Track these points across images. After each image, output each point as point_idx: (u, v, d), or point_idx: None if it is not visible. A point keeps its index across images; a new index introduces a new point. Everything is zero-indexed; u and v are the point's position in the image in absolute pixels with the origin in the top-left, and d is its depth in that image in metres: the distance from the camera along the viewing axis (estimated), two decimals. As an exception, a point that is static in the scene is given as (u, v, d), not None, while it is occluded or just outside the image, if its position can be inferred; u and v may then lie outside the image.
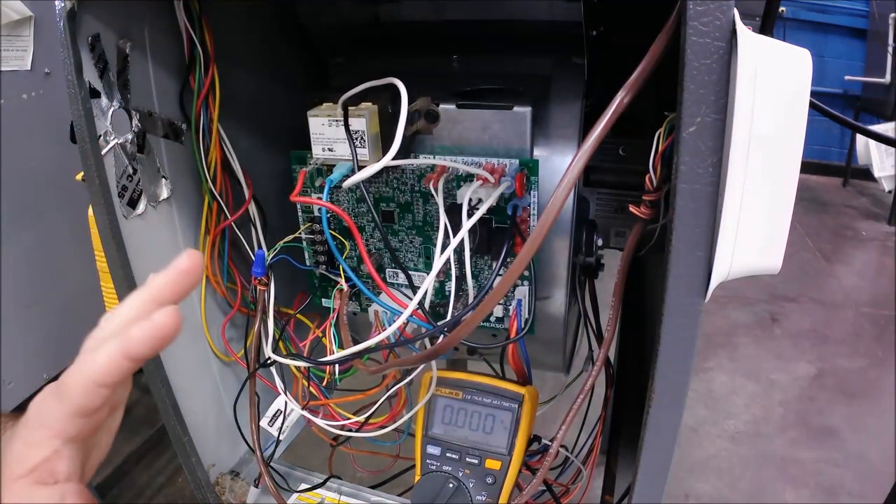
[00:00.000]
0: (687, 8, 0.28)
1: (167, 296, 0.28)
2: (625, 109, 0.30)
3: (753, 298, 2.14)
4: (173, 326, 0.26)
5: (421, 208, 0.53)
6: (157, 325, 0.26)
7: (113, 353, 0.26)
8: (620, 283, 0.46)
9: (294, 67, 0.65)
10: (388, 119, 0.46)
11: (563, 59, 0.53)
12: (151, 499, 1.33)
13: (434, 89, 0.51)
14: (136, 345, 0.26)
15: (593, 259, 0.56)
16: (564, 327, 0.56)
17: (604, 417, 0.55)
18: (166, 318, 0.26)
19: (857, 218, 2.95)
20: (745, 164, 0.29)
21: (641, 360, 0.59)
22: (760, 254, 0.31)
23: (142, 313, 0.27)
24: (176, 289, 0.29)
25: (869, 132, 0.92)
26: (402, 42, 0.58)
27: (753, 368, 1.79)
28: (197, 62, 0.52)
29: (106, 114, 0.47)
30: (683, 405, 0.36)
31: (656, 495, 0.40)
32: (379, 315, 0.53)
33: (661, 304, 0.33)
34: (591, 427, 0.55)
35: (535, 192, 0.49)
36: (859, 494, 1.35)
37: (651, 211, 0.40)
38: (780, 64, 0.28)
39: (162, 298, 0.28)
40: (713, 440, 1.52)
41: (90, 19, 0.44)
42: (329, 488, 0.64)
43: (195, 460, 0.59)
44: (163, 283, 0.29)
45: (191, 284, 0.29)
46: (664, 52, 0.30)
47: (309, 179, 0.53)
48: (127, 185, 0.50)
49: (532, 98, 0.49)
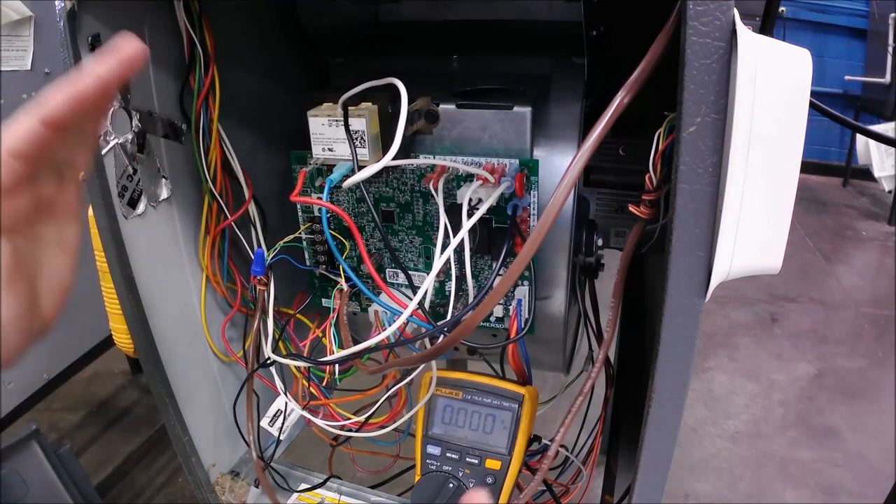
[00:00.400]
0: (687, 8, 0.28)
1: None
2: (625, 109, 0.30)
3: (753, 298, 2.14)
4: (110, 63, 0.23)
5: (421, 208, 0.53)
6: (78, 78, 0.23)
7: (25, 118, 0.24)
8: (620, 283, 0.46)
9: (294, 67, 0.65)
10: (388, 119, 0.46)
11: (563, 59, 0.53)
12: (151, 499, 1.33)
13: (434, 89, 0.51)
14: (51, 105, 0.23)
15: (593, 259, 0.56)
16: (564, 327, 0.56)
17: (604, 417, 0.55)
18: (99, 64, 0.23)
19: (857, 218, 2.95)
20: (745, 164, 0.29)
21: (641, 360, 0.59)
22: (760, 254, 0.31)
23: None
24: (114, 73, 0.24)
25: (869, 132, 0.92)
26: (402, 42, 0.58)
27: (753, 368, 1.79)
28: (197, 62, 0.52)
29: (106, 114, 0.47)
30: (683, 405, 0.36)
31: (656, 495, 0.40)
32: (379, 315, 0.53)
33: (661, 303, 0.33)
34: (591, 427, 0.55)
35: (535, 192, 0.49)
36: (859, 494, 1.35)
37: (651, 211, 0.40)
38: (780, 64, 0.28)
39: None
40: (713, 440, 1.52)
41: (90, 19, 0.44)
42: (329, 488, 0.64)
43: (195, 460, 0.59)
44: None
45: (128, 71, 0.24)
46: (664, 53, 0.30)
47: (309, 179, 0.53)
48: (127, 185, 0.50)
49: (532, 98, 0.49)
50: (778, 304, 2.13)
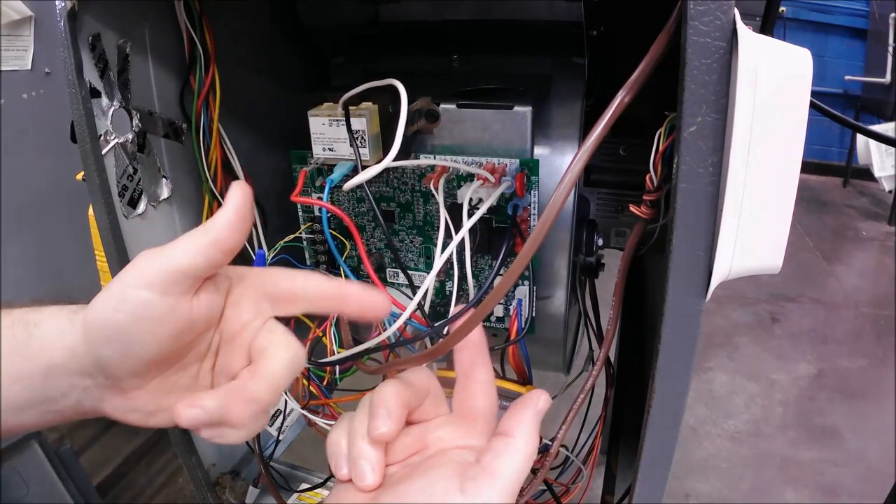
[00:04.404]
0: (687, 8, 0.28)
1: (228, 239, 0.29)
2: (625, 109, 0.30)
3: (753, 298, 2.14)
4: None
5: (421, 208, 0.53)
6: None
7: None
8: (621, 283, 0.46)
9: (294, 67, 0.65)
10: (388, 119, 0.46)
11: (563, 59, 0.53)
12: (151, 499, 1.33)
13: (434, 89, 0.51)
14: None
15: (593, 259, 0.56)
16: (564, 327, 0.56)
17: (604, 417, 0.55)
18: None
19: (857, 218, 2.95)
20: (746, 164, 0.29)
21: (641, 360, 0.59)
22: (761, 253, 0.31)
23: (209, 258, 0.28)
24: (237, 229, 0.29)
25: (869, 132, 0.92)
26: (403, 42, 0.58)
27: (753, 368, 1.79)
28: (197, 62, 0.52)
29: (106, 113, 0.47)
30: (684, 405, 0.36)
31: (656, 495, 0.40)
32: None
33: (661, 303, 0.33)
34: (591, 427, 0.55)
35: (536, 191, 0.49)
36: (859, 494, 1.35)
37: (651, 211, 0.40)
38: (781, 64, 0.28)
39: (223, 244, 0.29)
40: (713, 440, 1.52)
41: (90, 19, 0.44)
42: (329, 488, 0.64)
43: (195, 460, 0.59)
44: (223, 225, 0.28)
45: (249, 222, 0.29)
46: (664, 52, 0.30)
47: (309, 179, 0.53)
48: (127, 184, 0.50)
49: (532, 98, 0.49)
50: (778, 304, 2.13)
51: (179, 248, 0.28)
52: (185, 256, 0.28)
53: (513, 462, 0.28)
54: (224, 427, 0.28)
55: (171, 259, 0.28)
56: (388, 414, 0.29)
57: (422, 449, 0.32)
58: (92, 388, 0.29)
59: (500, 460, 0.28)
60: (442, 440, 0.32)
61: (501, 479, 0.27)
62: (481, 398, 0.34)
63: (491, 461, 0.28)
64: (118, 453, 1.40)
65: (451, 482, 0.27)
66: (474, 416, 0.33)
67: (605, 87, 0.55)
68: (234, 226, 0.29)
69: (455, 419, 0.33)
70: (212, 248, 0.28)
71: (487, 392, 0.34)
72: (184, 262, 0.28)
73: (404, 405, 0.30)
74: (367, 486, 0.28)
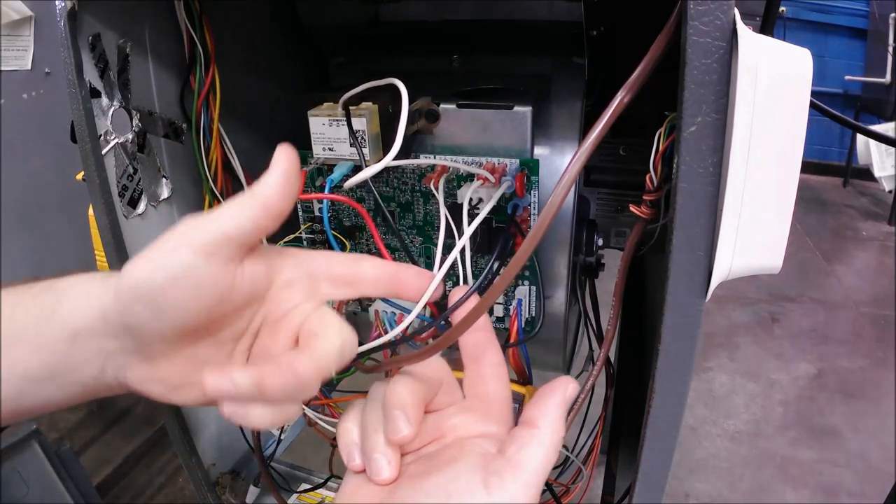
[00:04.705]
0: (687, 8, 0.28)
1: (276, 204, 0.27)
2: (625, 109, 0.30)
3: (753, 298, 2.14)
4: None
5: (421, 208, 0.53)
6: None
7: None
8: (621, 283, 0.46)
9: (294, 67, 0.65)
10: (388, 119, 0.46)
11: (563, 59, 0.53)
12: (151, 498, 1.33)
13: (434, 89, 0.51)
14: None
15: (593, 259, 0.56)
16: (565, 327, 0.56)
17: (604, 417, 0.55)
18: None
19: (857, 218, 2.95)
20: (745, 164, 0.29)
21: (641, 360, 0.59)
22: (761, 253, 0.31)
23: (257, 223, 0.27)
24: (285, 192, 0.28)
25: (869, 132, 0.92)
26: (403, 42, 0.58)
27: (753, 368, 1.79)
28: (197, 62, 0.52)
29: (106, 113, 0.47)
30: (684, 405, 0.36)
31: (656, 495, 0.40)
32: (379, 315, 0.53)
33: (661, 303, 0.33)
34: (591, 427, 0.55)
35: (536, 191, 0.49)
36: (859, 494, 1.35)
37: (651, 211, 0.40)
38: (781, 64, 0.28)
39: (271, 208, 0.27)
40: (713, 440, 1.52)
41: (90, 19, 0.44)
42: (329, 488, 0.64)
43: (195, 460, 0.59)
44: (271, 188, 0.27)
45: (296, 186, 0.28)
46: (664, 52, 0.30)
47: (309, 179, 0.53)
48: (127, 184, 0.50)
49: (532, 98, 0.49)
50: (778, 304, 2.13)
51: (226, 213, 0.27)
52: (231, 221, 0.27)
53: (538, 454, 0.27)
54: (252, 406, 0.26)
55: (217, 223, 0.26)
56: (406, 416, 0.27)
57: (438, 437, 0.30)
58: (117, 353, 0.28)
59: (525, 452, 0.27)
60: (458, 428, 0.30)
61: (527, 471, 0.26)
62: (493, 382, 0.32)
63: (515, 453, 0.27)
64: (118, 453, 1.40)
65: (474, 476, 0.26)
66: (489, 400, 0.32)
67: (605, 87, 0.55)
68: (281, 190, 0.27)
69: (469, 405, 0.32)
70: (259, 213, 0.27)
71: (499, 375, 0.33)
72: (230, 226, 0.27)
73: (421, 402, 0.29)
74: (383, 480, 0.27)
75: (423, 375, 0.30)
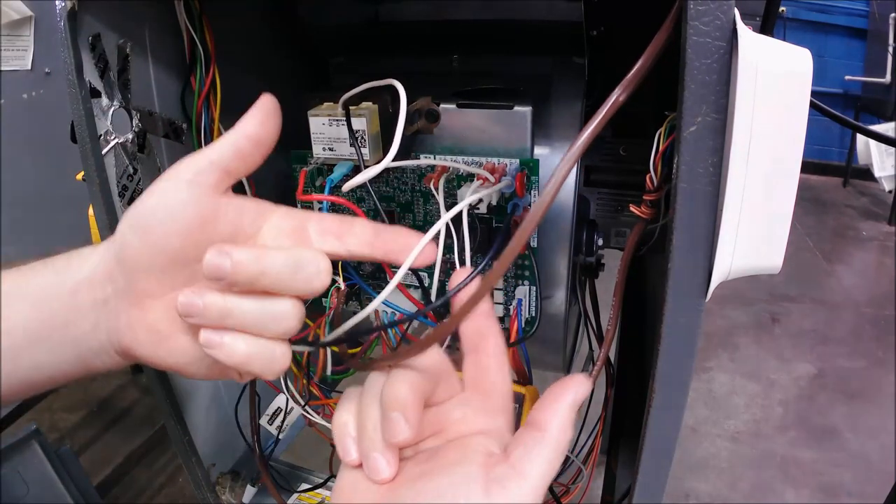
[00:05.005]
0: (687, 8, 0.28)
1: (255, 132, 0.31)
2: (621, 107, 0.30)
3: (753, 298, 2.14)
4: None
5: (421, 208, 0.53)
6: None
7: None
8: (621, 283, 0.46)
9: (294, 67, 0.65)
10: (388, 118, 0.46)
11: (563, 59, 0.53)
12: (151, 499, 1.33)
13: (434, 89, 0.51)
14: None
15: (593, 259, 0.56)
16: (565, 327, 0.56)
17: (604, 417, 0.55)
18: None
19: (857, 218, 2.95)
20: (746, 164, 0.29)
21: (641, 360, 0.59)
22: (761, 253, 0.31)
23: (238, 147, 0.30)
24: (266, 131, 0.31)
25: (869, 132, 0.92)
26: (403, 42, 0.58)
27: (753, 368, 1.79)
28: (198, 62, 0.52)
29: (106, 113, 0.47)
30: (684, 405, 0.36)
31: (656, 495, 0.40)
32: (379, 314, 0.53)
33: (661, 303, 0.33)
34: (591, 427, 0.55)
35: (536, 191, 0.49)
36: (859, 494, 1.35)
37: (651, 211, 0.40)
38: (781, 64, 0.28)
39: (251, 135, 0.30)
40: (713, 440, 1.52)
41: (91, 19, 0.44)
42: (329, 488, 0.64)
43: (195, 460, 0.59)
44: (249, 118, 0.31)
45: (277, 118, 0.31)
46: (661, 52, 0.30)
47: (309, 179, 0.52)
48: (127, 184, 0.50)
49: (532, 98, 0.49)
50: (778, 304, 2.13)
51: (212, 145, 0.30)
52: (213, 149, 0.30)
53: (545, 460, 0.26)
54: (226, 333, 0.28)
55: (203, 153, 0.30)
56: (405, 418, 0.26)
57: (438, 431, 0.29)
58: (111, 298, 0.30)
59: (531, 459, 0.26)
60: (459, 422, 0.29)
61: (531, 479, 0.25)
62: (495, 372, 0.31)
63: (520, 458, 0.26)
64: (118, 453, 1.41)
65: (476, 483, 0.25)
66: (489, 392, 0.31)
67: (606, 87, 0.54)
68: (259, 119, 0.30)
69: (470, 398, 0.31)
70: (241, 140, 0.30)
71: (500, 365, 0.32)
72: (213, 153, 0.30)
73: (420, 400, 0.27)
74: (381, 479, 0.26)
75: (422, 370, 0.29)
